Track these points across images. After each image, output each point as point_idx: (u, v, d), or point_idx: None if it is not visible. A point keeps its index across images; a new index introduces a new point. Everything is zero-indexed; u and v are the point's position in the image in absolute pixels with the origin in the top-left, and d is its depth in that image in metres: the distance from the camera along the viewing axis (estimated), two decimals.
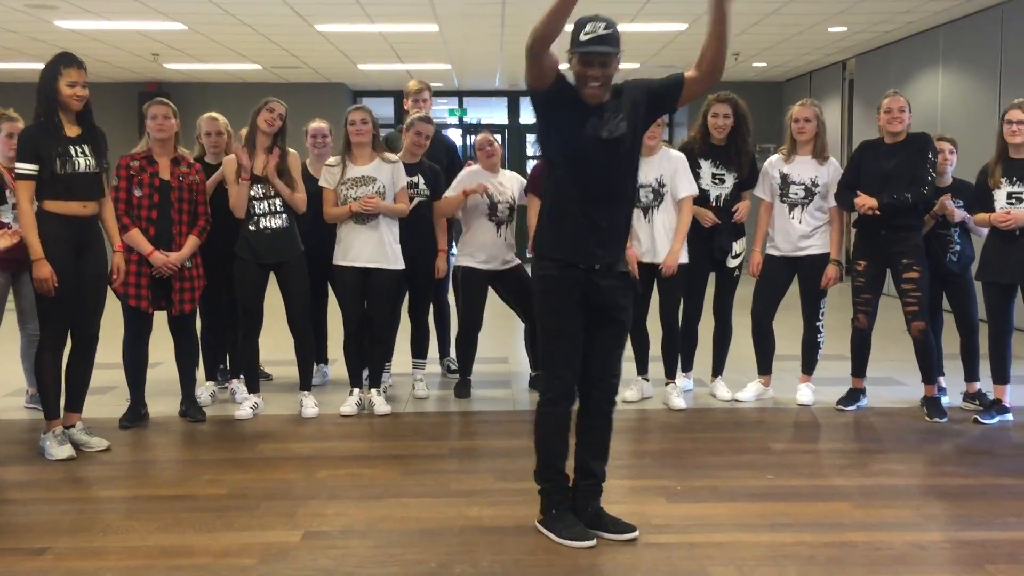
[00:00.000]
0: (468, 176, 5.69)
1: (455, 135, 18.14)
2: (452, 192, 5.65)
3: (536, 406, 3.59)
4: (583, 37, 3.27)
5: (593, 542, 3.44)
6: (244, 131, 5.71)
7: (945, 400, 5.44)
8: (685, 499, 3.96)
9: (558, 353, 3.48)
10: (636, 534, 3.50)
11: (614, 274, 3.46)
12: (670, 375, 5.64)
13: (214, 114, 5.64)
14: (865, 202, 5.08)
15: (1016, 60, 8.51)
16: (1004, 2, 8.60)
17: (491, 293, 5.83)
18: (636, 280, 4.91)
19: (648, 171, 5.31)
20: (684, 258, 5.40)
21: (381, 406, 5.39)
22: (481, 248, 5.65)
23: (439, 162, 5.86)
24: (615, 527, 3.53)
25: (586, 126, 3.34)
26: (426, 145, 5.60)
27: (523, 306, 5.83)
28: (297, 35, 10.23)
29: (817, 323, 5.54)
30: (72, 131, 4.49)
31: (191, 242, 5.07)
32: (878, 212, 5.05)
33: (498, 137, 5.91)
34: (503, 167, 5.89)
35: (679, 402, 5.52)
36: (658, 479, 4.25)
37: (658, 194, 5.35)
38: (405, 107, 6.06)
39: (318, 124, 5.96)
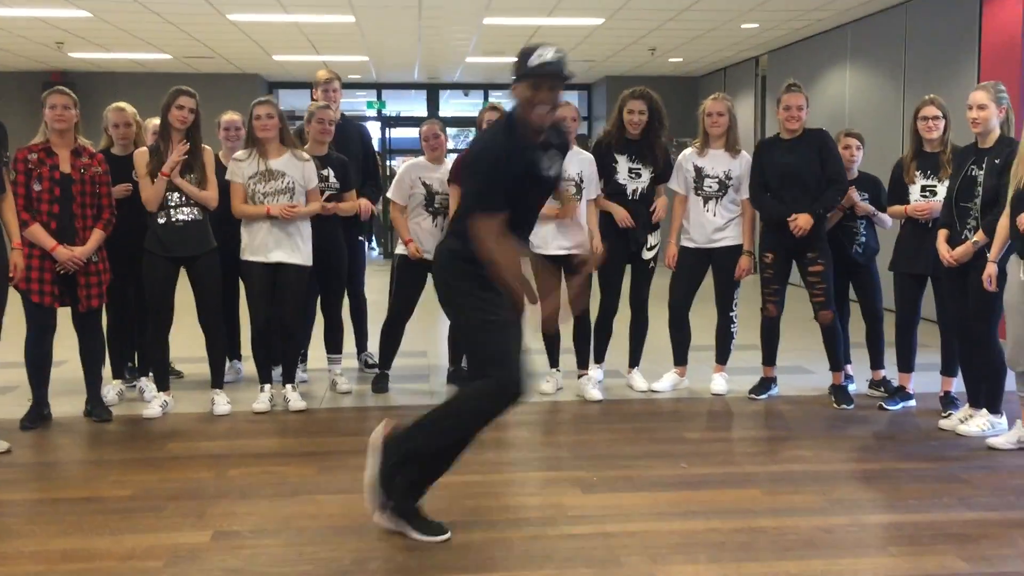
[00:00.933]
0: (410, 168, 5.63)
1: (374, 128, 17.98)
2: (396, 197, 5.62)
3: (477, 393, 3.36)
4: (534, 61, 3.31)
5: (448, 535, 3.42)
6: (151, 122, 5.57)
7: (852, 387, 5.60)
8: (600, 489, 3.99)
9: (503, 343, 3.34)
10: (447, 536, 3.41)
11: None
12: (583, 366, 5.69)
13: (121, 104, 5.47)
14: (804, 226, 5.19)
15: (919, 57, 8.79)
16: (908, 1, 8.87)
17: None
18: None
19: (569, 167, 5.34)
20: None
21: (295, 402, 5.30)
22: (422, 238, 5.59)
23: (353, 151, 5.78)
24: (425, 528, 3.45)
25: (535, 166, 3.40)
26: (330, 131, 5.52)
27: None
28: (208, 24, 9.99)
29: (730, 313, 5.64)
30: None
31: (96, 236, 4.91)
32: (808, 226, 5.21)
33: (446, 130, 5.86)
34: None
35: (595, 393, 5.56)
36: (574, 470, 4.27)
37: (579, 188, 5.38)
38: (314, 97, 5.96)
39: (230, 116, 5.83)
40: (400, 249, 5.70)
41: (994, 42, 7.37)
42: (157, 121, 5.48)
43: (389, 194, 5.67)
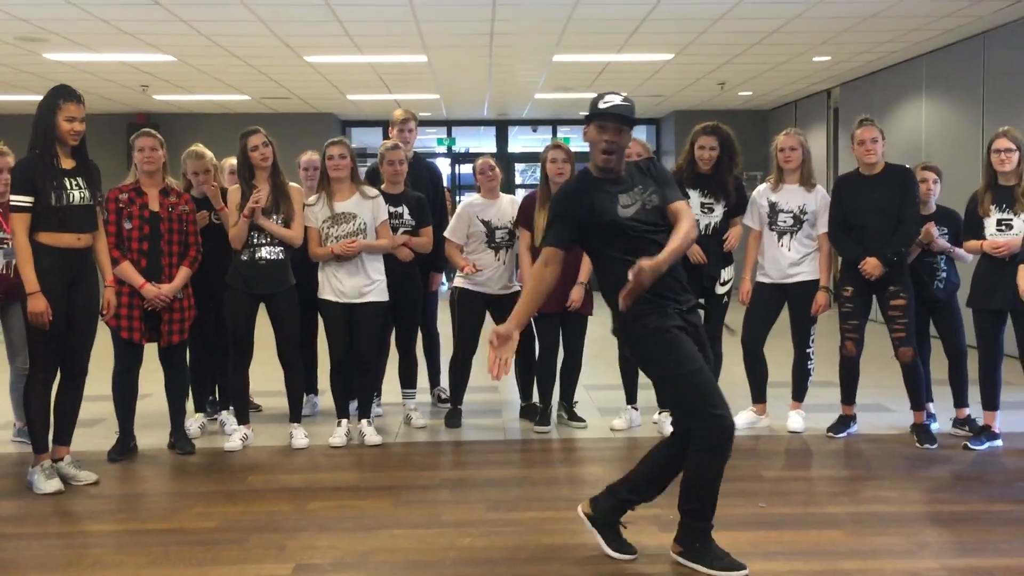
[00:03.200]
0: (466, 208, 5.71)
1: (443, 164, 18.22)
2: (453, 236, 5.71)
3: (697, 455, 3.47)
4: (601, 106, 3.47)
5: (746, 570, 3.41)
6: (227, 161, 5.71)
7: (934, 426, 5.46)
8: (676, 528, 3.94)
9: (701, 390, 3.40)
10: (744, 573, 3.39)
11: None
12: (662, 404, 5.64)
13: (199, 150, 5.58)
14: (872, 272, 5.15)
15: (998, 88, 8.61)
16: (986, 32, 8.72)
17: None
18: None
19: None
20: None
21: (371, 437, 5.37)
22: (484, 275, 5.66)
23: (424, 189, 5.88)
24: (720, 564, 3.44)
25: (616, 206, 3.46)
26: (402, 171, 5.60)
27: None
28: (286, 66, 10.29)
29: (807, 350, 5.56)
30: (67, 164, 4.50)
31: (182, 273, 5.06)
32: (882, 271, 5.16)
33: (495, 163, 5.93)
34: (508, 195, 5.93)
35: (672, 429, 5.50)
36: (651, 508, 4.22)
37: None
38: (391, 136, 6.09)
39: (310, 156, 5.98)
40: (458, 282, 5.75)
41: None
42: (232, 161, 5.67)
43: (447, 233, 5.72)
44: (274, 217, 5.18)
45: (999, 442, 5.20)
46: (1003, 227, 5.01)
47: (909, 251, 5.30)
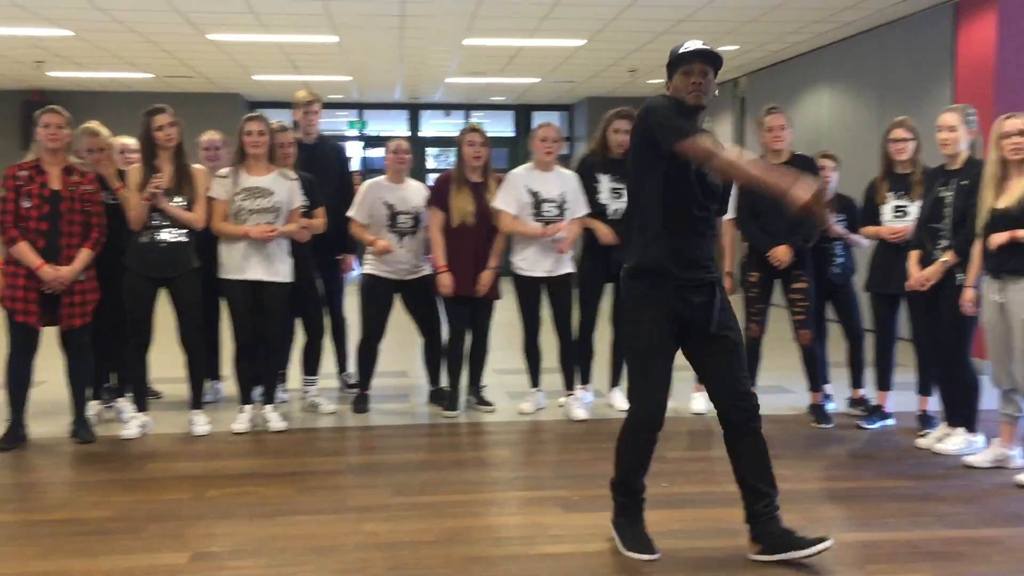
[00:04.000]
0: (369, 190, 5.64)
1: (355, 148, 17.99)
2: (358, 215, 5.61)
3: (624, 429, 3.47)
4: (682, 51, 3.37)
5: (655, 556, 3.41)
6: (119, 140, 5.52)
7: (831, 406, 5.64)
8: (581, 509, 3.99)
9: (641, 376, 3.41)
10: (830, 543, 3.32)
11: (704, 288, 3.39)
12: (570, 387, 5.69)
13: (94, 127, 5.38)
14: (783, 259, 5.26)
15: (896, 79, 8.90)
16: (884, 24, 9.00)
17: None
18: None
19: (551, 186, 5.41)
20: (571, 267, 5.49)
21: (275, 422, 5.28)
22: (386, 257, 5.60)
23: (330, 170, 5.77)
24: (807, 543, 3.34)
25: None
26: (291, 155, 5.49)
27: (421, 321, 5.80)
28: (189, 44, 10.00)
29: None
30: None
31: (83, 255, 4.88)
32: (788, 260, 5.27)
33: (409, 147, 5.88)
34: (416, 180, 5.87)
35: (580, 413, 5.57)
36: (555, 489, 4.27)
37: (562, 210, 5.43)
38: (295, 119, 5.96)
39: (210, 136, 5.83)
40: (365, 268, 5.69)
41: (968, 64, 7.48)
42: (125, 140, 5.48)
43: (350, 212, 5.66)
44: (177, 199, 5.03)
45: (891, 421, 5.40)
46: (899, 213, 5.18)
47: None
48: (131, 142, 5.52)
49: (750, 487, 3.43)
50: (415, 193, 5.68)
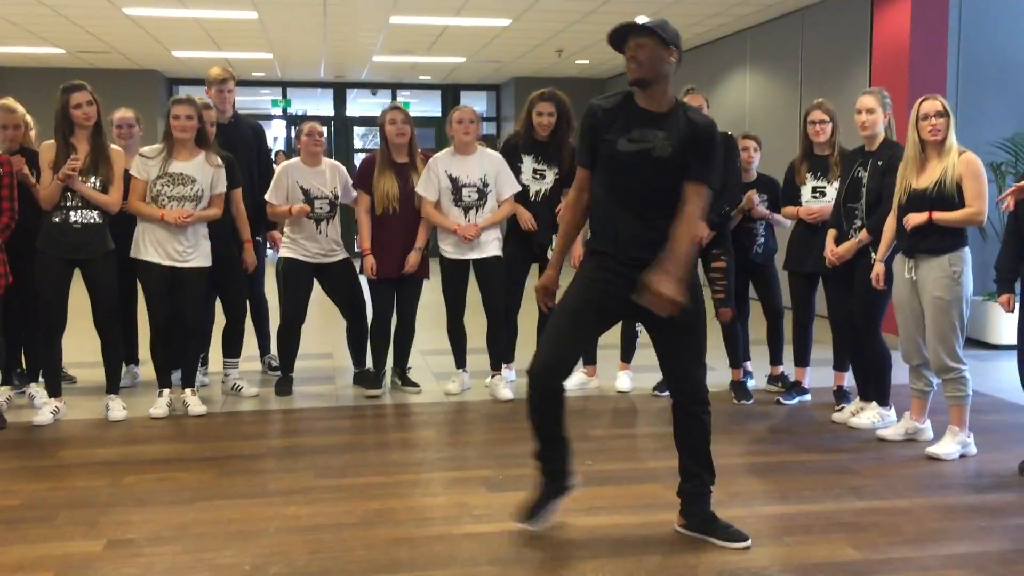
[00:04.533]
0: (284, 173, 5.53)
1: (279, 127, 17.69)
2: (274, 199, 5.51)
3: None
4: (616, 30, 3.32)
5: (540, 524, 3.43)
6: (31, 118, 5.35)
7: (751, 383, 5.75)
8: (506, 488, 4.00)
9: (551, 329, 3.34)
10: (748, 543, 3.35)
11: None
12: (495, 367, 5.70)
13: (10, 103, 5.20)
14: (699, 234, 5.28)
15: (814, 62, 9.07)
16: (804, 8, 9.15)
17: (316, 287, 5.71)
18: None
19: (471, 170, 5.38)
20: (498, 251, 5.49)
21: (195, 406, 5.18)
22: (302, 242, 5.52)
23: (247, 149, 5.66)
24: (725, 534, 3.38)
25: (622, 136, 3.27)
26: (212, 133, 5.35)
27: (345, 302, 5.74)
28: (103, 18, 9.68)
29: None
30: None
31: None
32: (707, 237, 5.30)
33: (324, 129, 5.78)
34: (331, 159, 5.78)
35: (506, 392, 5.58)
36: (480, 469, 4.28)
37: (482, 194, 5.41)
38: (207, 95, 5.80)
39: (123, 113, 5.65)
40: (283, 252, 5.61)
41: (884, 49, 7.66)
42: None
43: (267, 196, 5.56)
44: (92, 179, 4.87)
45: (808, 396, 5.53)
46: (817, 194, 5.28)
47: (732, 216, 5.52)
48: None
49: (684, 465, 3.47)
50: (331, 176, 5.59)
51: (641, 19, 3.37)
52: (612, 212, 3.33)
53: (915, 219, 4.36)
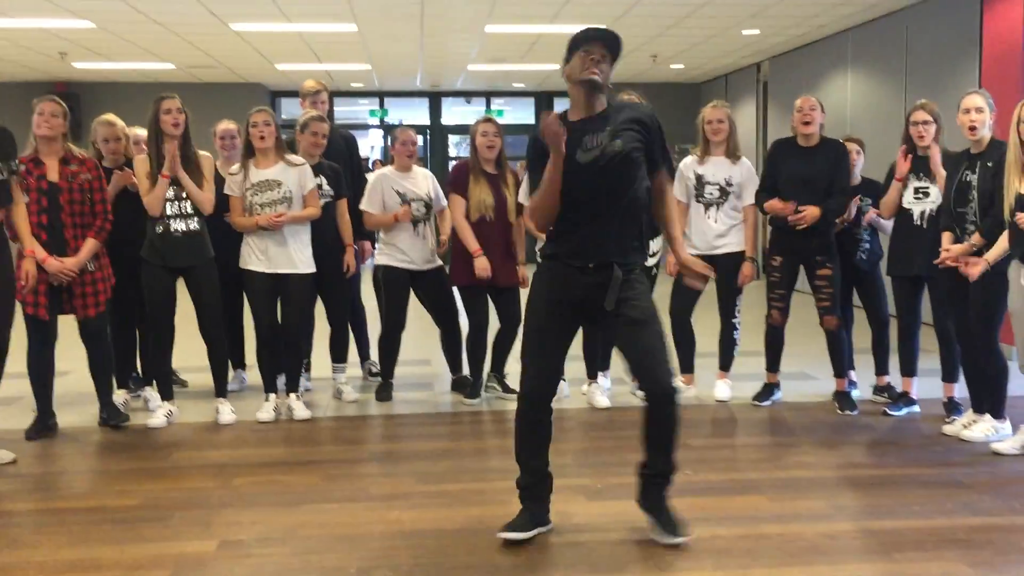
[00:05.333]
0: (379, 179, 5.64)
1: (376, 136, 18.00)
2: (371, 207, 5.61)
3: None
4: (579, 34, 3.41)
5: (523, 534, 3.44)
6: (134, 131, 5.57)
7: (856, 393, 5.60)
8: (605, 497, 4.00)
9: (526, 351, 3.50)
10: (686, 539, 3.42)
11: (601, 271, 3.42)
12: (591, 375, 5.69)
13: (110, 118, 5.41)
14: (808, 219, 5.17)
15: (920, 63, 8.80)
16: (908, 7, 8.89)
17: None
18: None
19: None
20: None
21: (300, 411, 5.31)
22: (400, 247, 5.61)
23: (340, 160, 5.79)
24: (664, 527, 3.45)
25: (576, 148, 3.36)
26: (323, 145, 5.51)
27: (438, 311, 5.80)
28: (212, 34, 10.03)
29: (733, 320, 5.64)
30: None
31: (88, 245, 4.89)
32: (816, 220, 5.17)
33: (420, 137, 5.87)
34: (423, 167, 5.88)
35: (603, 400, 5.57)
36: (578, 478, 4.28)
37: None
38: (302, 108, 5.96)
39: (226, 125, 5.85)
40: (380, 259, 5.70)
41: (995, 47, 7.38)
42: (140, 131, 5.52)
43: (362, 205, 5.66)
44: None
45: (916, 408, 5.35)
46: (920, 195, 5.12)
47: (836, 222, 5.41)
48: (144, 133, 5.55)
49: (648, 454, 3.51)
50: (423, 181, 5.68)
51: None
52: (575, 220, 3.41)
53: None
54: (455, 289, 5.68)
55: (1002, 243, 4.44)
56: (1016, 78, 7.02)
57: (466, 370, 5.86)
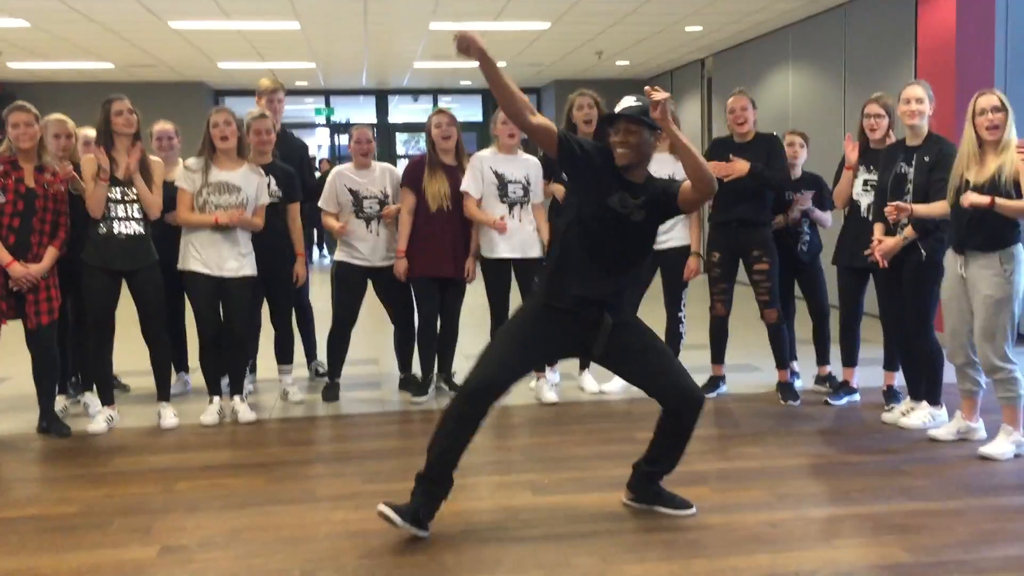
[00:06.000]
0: (335, 177, 5.62)
1: (323, 134, 17.88)
2: (326, 205, 5.62)
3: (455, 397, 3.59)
4: (616, 109, 3.50)
5: (398, 519, 3.45)
6: (82, 131, 5.48)
7: (798, 384, 5.69)
8: (551, 492, 4.01)
9: (492, 350, 3.55)
10: (694, 510, 3.67)
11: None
12: (539, 369, 5.70)
13: (61, 115, 5.36)
14: (741, 169, 5.25)
15: (858, 58, 8.96)
16: (846, 3, 9.04)
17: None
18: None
19: (515, 169, 5.42)
20: (539, 253, 5.51)
21: (244, 413, 5.25)
22: (355, 244, 5.58)
23: (292, 162, 5.75)
24: (672, 503, 3.69)
25: (609, 198, 3.48)
26: (270, 141, 5.46)
27: (395, 307, 5.78)
28: (150, 32, 9.87)
29: (679, 314, 5.70)
30: None
31: (51, 254, 4.84)
32: (744, 174, 5.25)
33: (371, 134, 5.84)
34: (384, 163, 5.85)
35: (551, 396, 5.59)
36: (525, 473, 4.29)
37: (527, 192, 5.46)
38: (257, 106, 5.89)
39: (162, 125, 5.76)
40: (338, 256, 5.68)
41: (929, 42, 7.54)
42: (88, 131, 5.43)
43: (320, 203, 5.66)
44: (132, 188, 4.98)
45: (857, 397, 5.45)
46: (868, 187, 5.18)
47: (775, 221, 5.49)
48: (93, 133, 5.45)
49: (655, 451, 3.69)
50: (380, 177, 5.65)
51: (628, 100, 3.53)
52: (576, 264, 3.53)
53: (975, 198, 4.21)
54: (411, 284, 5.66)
55: (935, 210, 4.52)
56: (950, 72, 7.18)
57: (415, 368, 5.84)
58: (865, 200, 5.19)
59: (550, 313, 3.55)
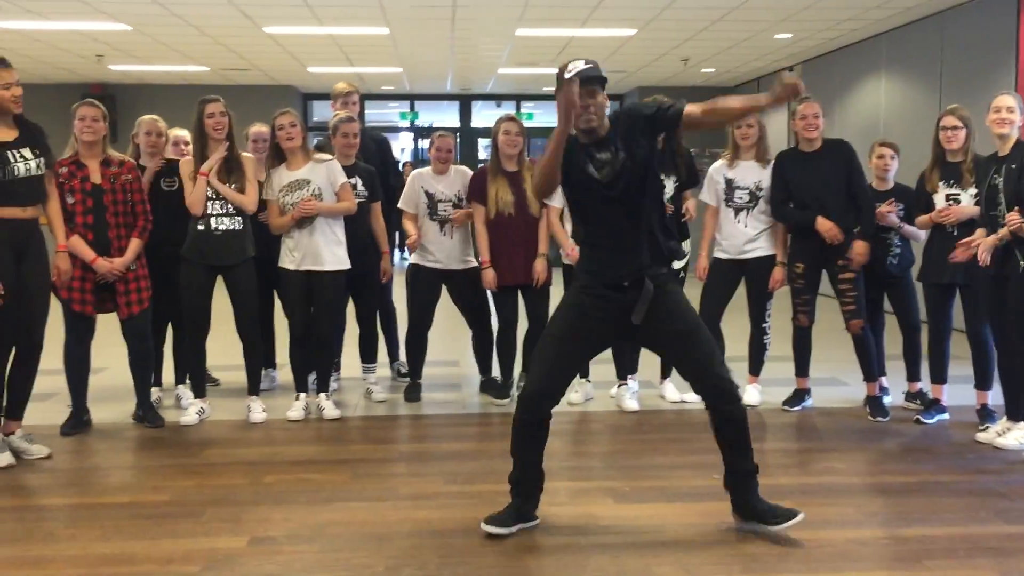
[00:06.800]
0: (412, 180, 5.70)
1: (406, 139, 18.10)
2: (405, 206, 5.71)
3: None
4: (567, 75, 3.37)
5: (505, 530, 3.52)
6: (173, 132, 5.66)
7: (887, 399, 5.55)
8: (632, 500, 3.99)
9: (538, 355, 3.57)
10: (802, 516, 3.51)
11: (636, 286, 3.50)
12: (621, 376, 5.69)
13: (152, 116, 5.56)
14: (835, 234, 5.21)
15: (955, 67, 8.71)
16: (944, 11, 8.81)
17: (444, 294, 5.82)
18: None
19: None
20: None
21: (329, 410, 5.35)
22: (429, 248, 5.65)
23: (372, 161, 5.84)
24: (774, 519, 3.53)
25: (588, 163, 3.47)
26: (355, 144, 5.56)
27: (470, 311, 5.82)
28: (245, 37, 10.14)
29: (763, 324, 5.62)
30: (9, 135, 4.39)
31: (134, 245, 4.98)
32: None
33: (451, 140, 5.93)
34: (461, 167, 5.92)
35: (632, 404, 5.57)
36: (606, 480, 4.28)
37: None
38: (333, 109, 6.01)
39: (258, 128, 5.91)
40: (413, 258, 5.75)
41: None
42: (178, 132, 5.60)
43: (400, 204, 5.75)
44: (228, 184, 5.13)
45: (947, 415, 5.30)
46: (951, 202, 5.07)
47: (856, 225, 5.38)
48: (185, 134, 5.64)
49: (728, 461, 3.60)
50: (454, 180, 5.71)
51: (578, 64, 3.36)
52: (599, 236, 3.53)
53: None
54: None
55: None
56: None
57: (496, 372, 5.87)
58: (942, 206, 5.06)
59: (587, 302, 3.53)
